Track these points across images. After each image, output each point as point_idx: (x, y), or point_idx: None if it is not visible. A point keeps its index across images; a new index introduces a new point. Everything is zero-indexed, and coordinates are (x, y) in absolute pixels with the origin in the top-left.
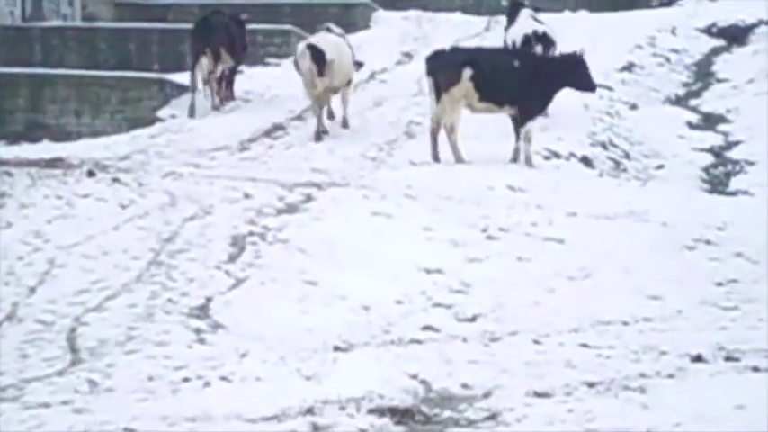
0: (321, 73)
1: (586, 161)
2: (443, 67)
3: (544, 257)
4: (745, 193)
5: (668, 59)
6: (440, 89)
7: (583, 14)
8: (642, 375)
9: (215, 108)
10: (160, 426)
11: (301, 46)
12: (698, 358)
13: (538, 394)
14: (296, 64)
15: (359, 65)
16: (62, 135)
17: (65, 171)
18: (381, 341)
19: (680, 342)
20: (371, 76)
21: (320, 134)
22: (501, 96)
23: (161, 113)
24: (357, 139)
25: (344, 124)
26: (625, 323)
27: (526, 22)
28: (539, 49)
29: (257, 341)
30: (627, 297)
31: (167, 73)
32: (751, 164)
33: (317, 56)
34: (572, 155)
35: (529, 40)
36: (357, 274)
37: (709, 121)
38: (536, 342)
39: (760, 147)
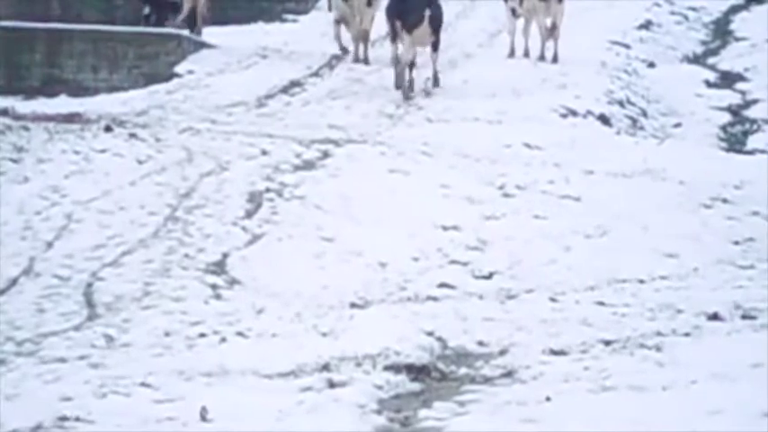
0: (370, 3)
1: (604, 119)
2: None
3: (561, 215)
4: (763, 152)
5: (686, 17)
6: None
7: None
8: (658, 333)
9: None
10: (176, 381)
11: None
12: (714, 316)
13: (554, 352)
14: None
15: None
16: (79, 90)
17: (82, 126)
18: (398, 298)
19: (696, 300)
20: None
21: (367, 59)
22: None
23: (178, 69)
24: (374, 96)
25: (366, 60)
26: (641, 281)
27: None
28: None
29: (274, 297)
30: (643, 255)
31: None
32: None
33: None
34: (589, 113)
35: None
36: (374, 230)
37: (727, 80)
38: (552, 300)
39: None
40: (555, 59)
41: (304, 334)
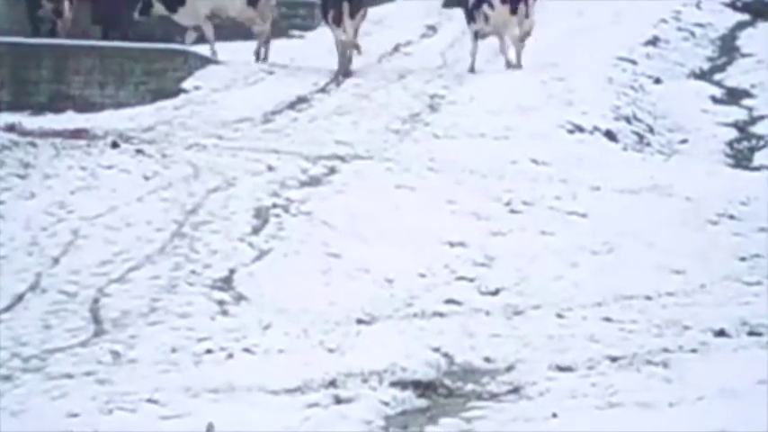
0: (352, 15)
1: (610, 135)
2: None
3: (567, 231)
4: None
5: (693, 33)
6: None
7: None
8: (665, 350)
9: None
10: (183, 397)
11: None
12: (721, 333)
13: (560, 368)
14: (323, 7)
15: None
16: (86, 106)
17: (89, 142)
18: (404, 314)
19: (703, 317)
20: (396, 49)
21: (348, 72)
22: None
23: (185, 85)
24: (381, 112)
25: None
26: (648, 298)
27: None
28: None
29: (280, 313)
30: (650, 271)
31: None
32: None
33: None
34: (596, 129)
35: None
36: (380, 246)
37: (734, 96)
38: (559, 316)
39: None
40: (519, 65)
41: (311, 350)
